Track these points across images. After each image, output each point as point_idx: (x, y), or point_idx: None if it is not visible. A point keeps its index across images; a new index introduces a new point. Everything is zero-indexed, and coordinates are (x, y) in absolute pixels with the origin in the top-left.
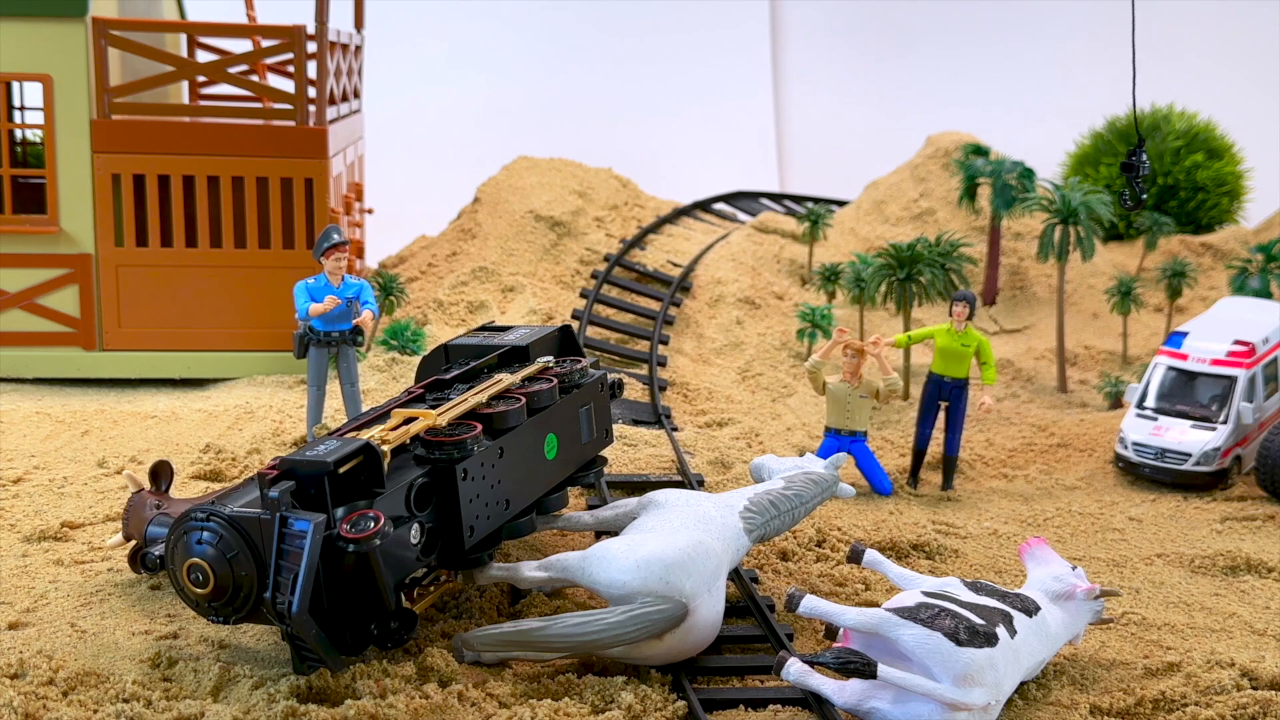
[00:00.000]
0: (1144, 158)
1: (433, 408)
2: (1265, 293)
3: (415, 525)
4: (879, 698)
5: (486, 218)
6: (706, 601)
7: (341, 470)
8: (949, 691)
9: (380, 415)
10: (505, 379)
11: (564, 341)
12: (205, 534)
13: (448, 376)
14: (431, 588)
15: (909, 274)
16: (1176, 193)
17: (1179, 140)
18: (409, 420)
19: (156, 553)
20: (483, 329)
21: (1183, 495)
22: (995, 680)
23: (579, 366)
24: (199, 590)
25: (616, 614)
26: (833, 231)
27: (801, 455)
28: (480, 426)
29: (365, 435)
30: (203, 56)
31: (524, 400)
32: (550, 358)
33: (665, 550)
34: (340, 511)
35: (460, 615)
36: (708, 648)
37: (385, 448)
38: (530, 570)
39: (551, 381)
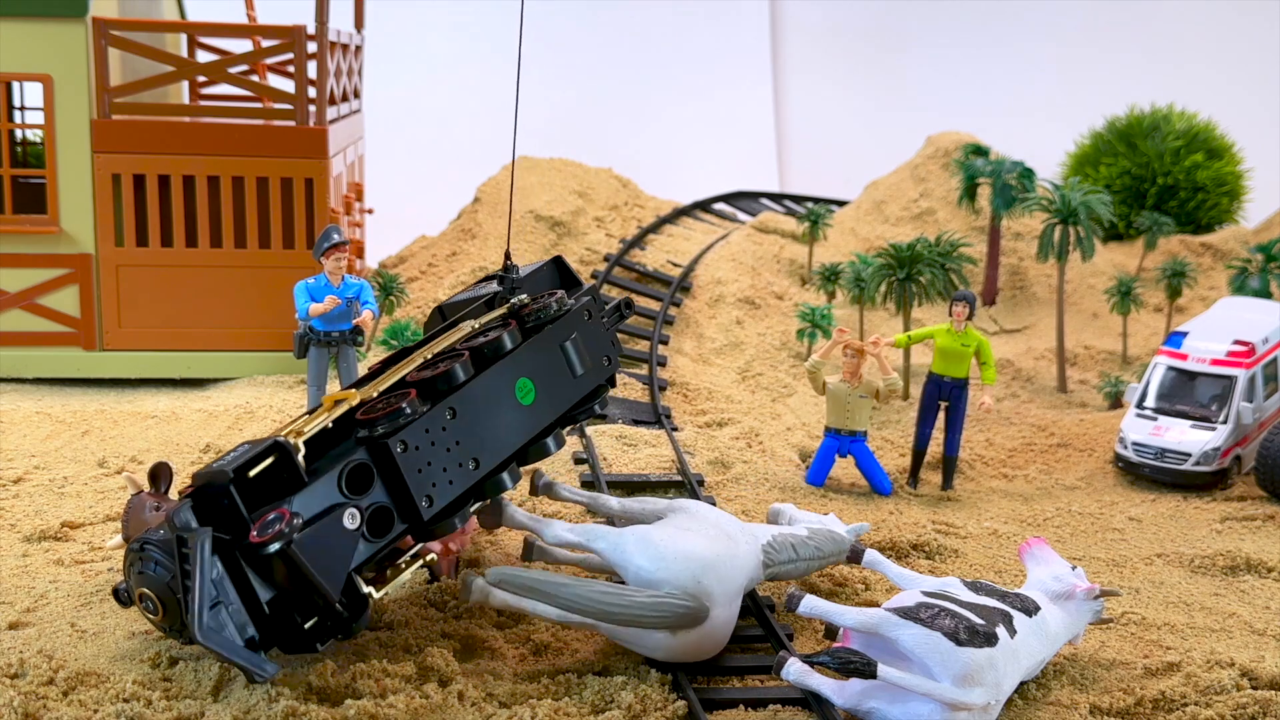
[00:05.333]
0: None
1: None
2: (1265, 293)
3: (351, 511)
4: (879, 698)
5: (486, 218)
6: (723, 613)
7: (252, 474)
8: (949, 691)
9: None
10: (459, 332)
11: (561, 274)
12: (145, 561)
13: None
14: (403, 563)
15: (909, 274)
16: (1176, 193)
17: (1179, 140)
18: (338, 403)
19: (123, 586)
20: (483, 280)
21: (1182, 495)
22: (995, 680)
23: (553, 298)
24: (153, 617)
25: (643, 595)
26: (833, 231)
27: (826, 515)
28: (414, 393)
29: (284, 430)
30: (203, 56)
31: (467, 354)
32: (525, 296)
33: (703, 551)
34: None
35: (461, 615)
36: None
37: (298, 440)
38: (561, 529)
39: (507, 325)
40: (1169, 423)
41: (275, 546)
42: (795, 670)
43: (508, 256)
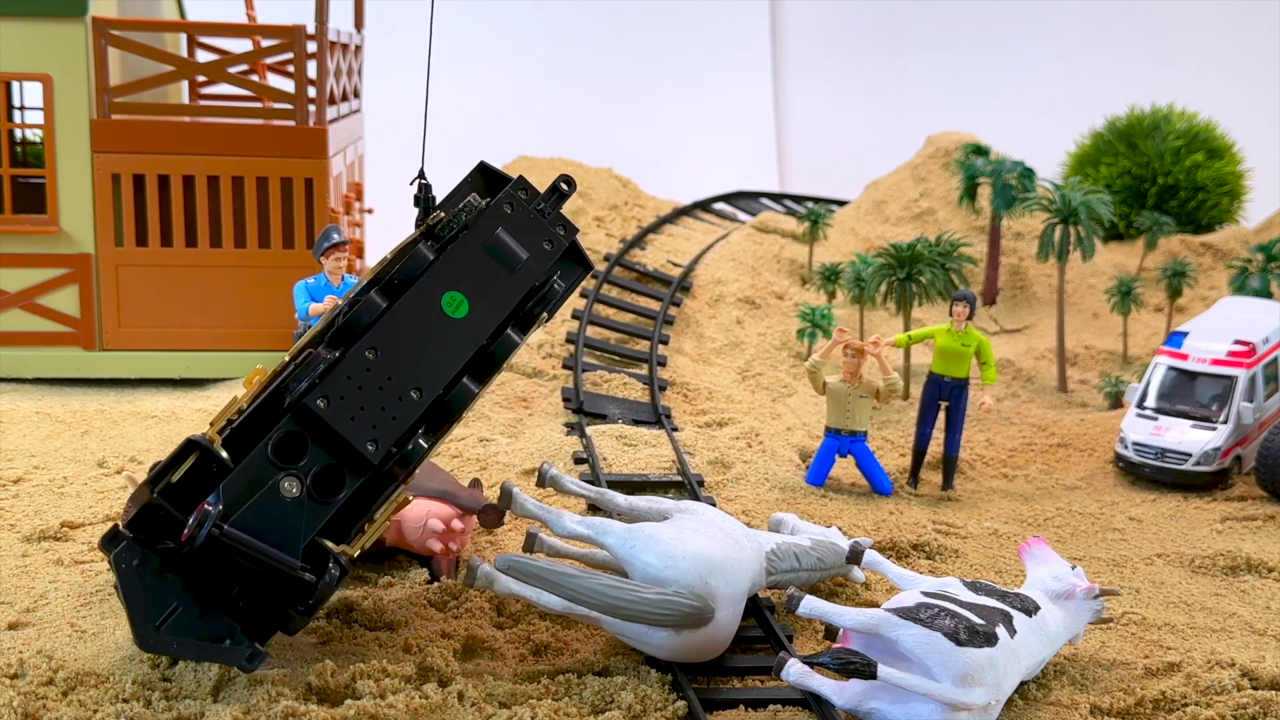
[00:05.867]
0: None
1: None
2: (1265, 292)
3: (287, 480)
4: (879, 698)
5: None
6: (727, 615)
7: (174, 479)
8: (949, 691)
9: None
10: (377, 268)
11: (489, 180)
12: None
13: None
14: (378, 514)
15: (909, 274)
16: (1177, 193)
17: (1179, 140)
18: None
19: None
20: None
21: (1183, 495)
22: (995, 680)
23: (459, 208)
24: None
25: (650, 592)
26: (833, 231)
27: (829, 526)
28: (319, 350)
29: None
30: (203, 56)
31: (373, 292)
32: (440, 213)
33: (711, 552)
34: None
35: (461, 615)
36: None
37: (210, 430)
38: (571, 521)
39: (417, 245)
40: (1169, 423)
41: (199, 542)
42: (795, 671)
43: (421, 175)
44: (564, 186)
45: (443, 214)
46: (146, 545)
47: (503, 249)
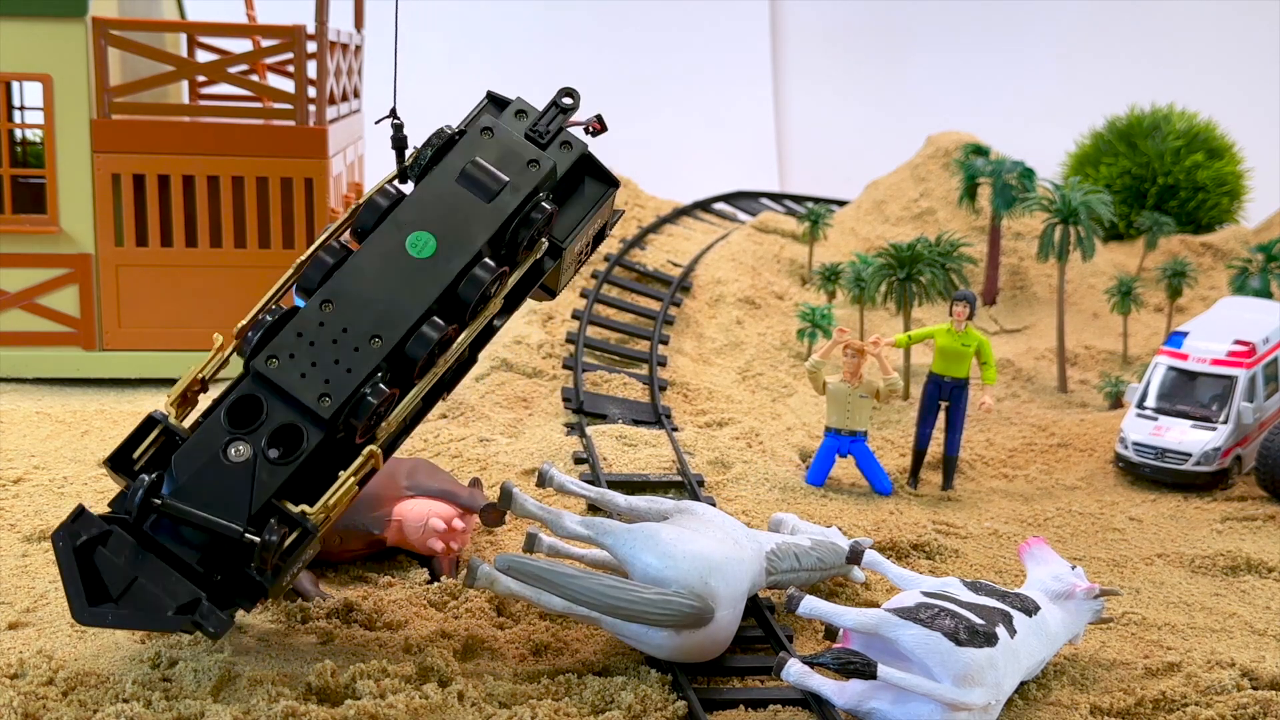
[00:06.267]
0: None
1: None
2: (1265, 292)
3: (236, 445)
4: (879, 698)
5: None
6: (728, 615)
7: (135, 454)
8: (949, 691)
9: None
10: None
11: (495, 104)
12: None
13: None
14: (342, 474)
15: (909, 274)
16: (1177, 193)
17: (1179, 140)
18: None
19: None
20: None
21: (1183, 495)
22: (995, 680)
23: (427, 141)
24: None
25: (650, 592)
26: (833, 231)
27: (829, 526)
28: (266, 310)
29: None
30: (203, 56)
31: (319, 250)
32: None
33: (712, 552)
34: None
35: (461, 615)
36: None
37: (168, 407)
38: (571, 521)
39: (382, 190)
40: (1169, 423)
41: (132, 513)
42: (795, 671)
43: (392, 113)
44: (565, 100)
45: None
46: (113, 521)
47: (477, 178)
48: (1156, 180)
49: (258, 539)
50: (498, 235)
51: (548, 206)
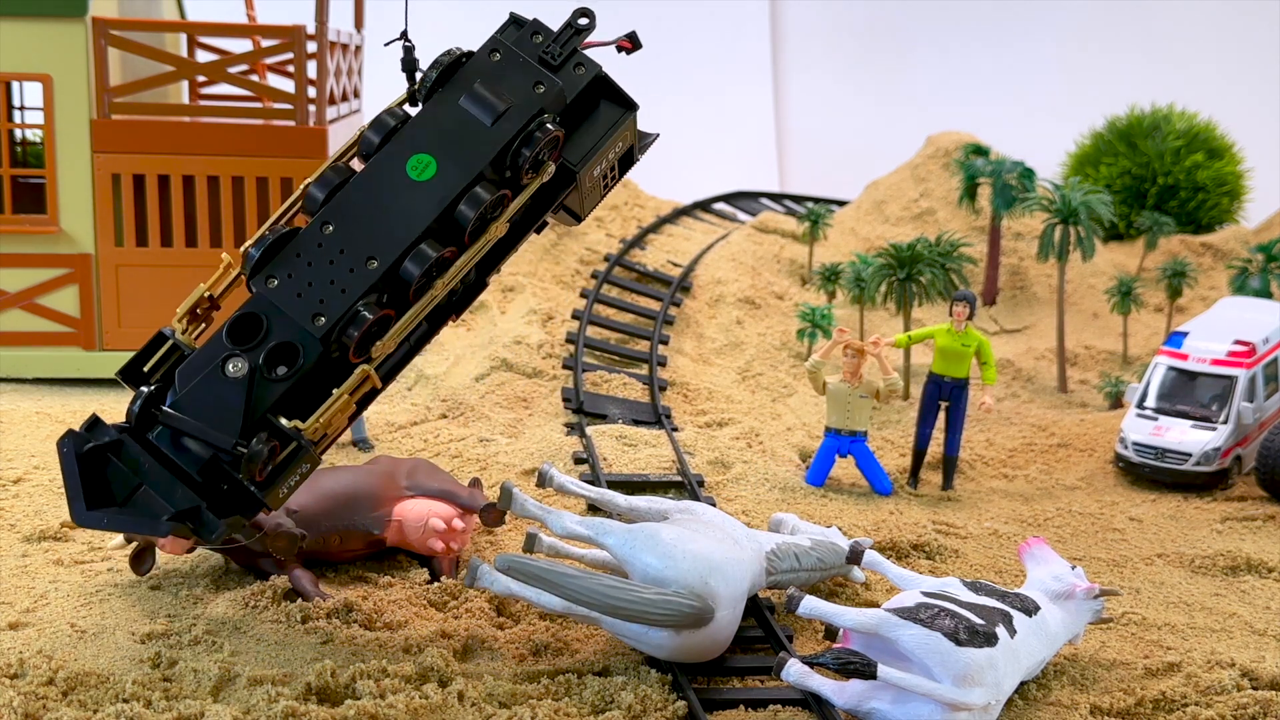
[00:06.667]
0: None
1: None
2: (1265, 293)
3: (233, 361)
4: (879, 698)
5: None
6: (728, 615)
7: (146, 368)
8: (949, 691)
9: None
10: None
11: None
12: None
13: None
14: (336, 391)
15: (909, 274)
16: (1177, 193)
17: (1179, 140)
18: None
19: None
20: None
21: (1183, 495)
22: (995, 680)
23: (433, 64)
24: None
25: (651, 592)
26: (833, 231)
27: (829, 526)
28: (266, 228)
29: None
30: (203, 56)
31: (327, 169)
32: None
33: (712, 553)
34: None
35: (461, 615)
36: None
37: (176, 324)
38: (571, 521)
39: (388, 113)
40: (1169, 423)
41: (132, 422)
42: (795, 671)
43: (403, 35)
44: (581, 21)
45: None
46: (124, 431)
47: (480, 100)
48: (1156, 180)
49: (246, 450)
50: (499, 158)
51: (551, 128)
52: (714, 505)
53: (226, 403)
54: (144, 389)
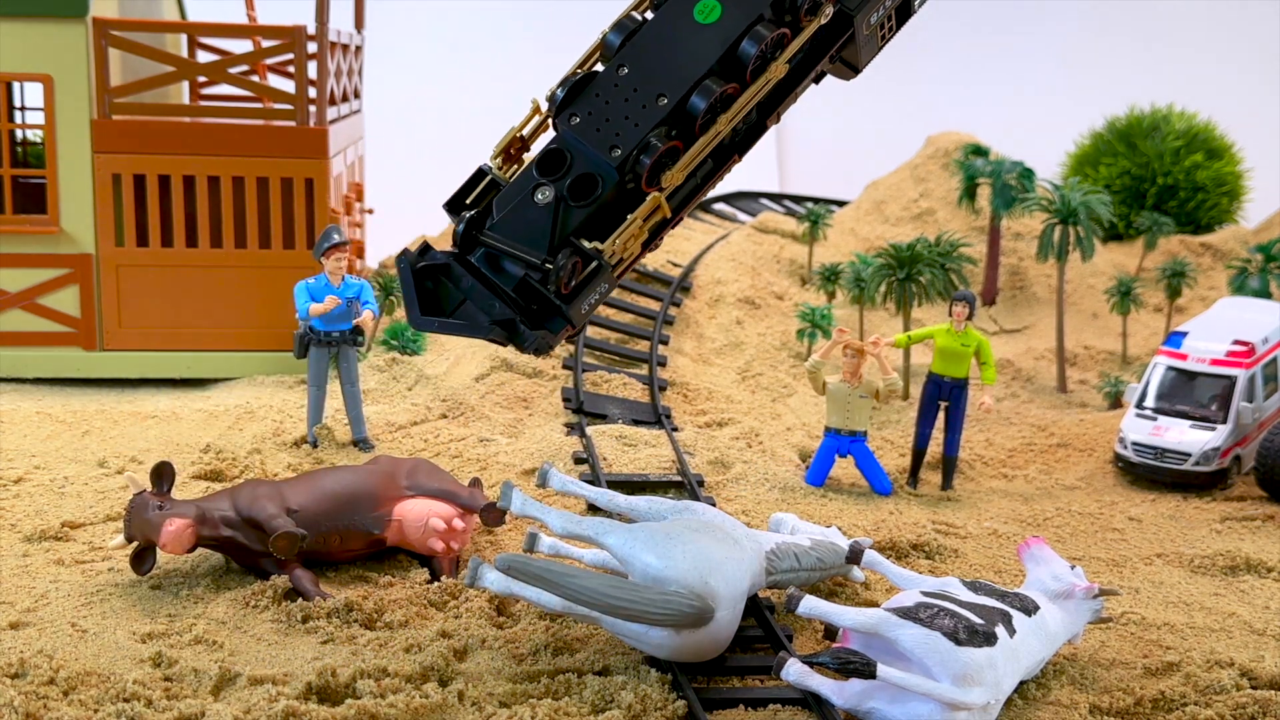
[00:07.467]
0: None
1: None
2: (1265, 293)
3: (541, 189)
4: (878, 698)
5: None
6: (727, 615)
7: (468, 200)
8: (948, 691)
9: None
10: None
11: None
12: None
13: None
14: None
15: (909, 274)
16: (1176, 193)
17: (1179, 140)
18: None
19: None
20: None
21: (1182, 495)
22: (995, 679)
23: None
24: None
25: (651, 592)
26: (833, 231)
27: (829, 526)
28: (577, 71)
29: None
30: (203, 57)
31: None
32: None
33: (712, 552)
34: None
35: (461, 615)
36: None
37: (492, 161)
38: (571, 521)
39: None
40: (1169, 423)
41: (458, 240)
42: (795, 670)
43: None
44: None
45: None
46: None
47: None
48: (1156, 180)
49: (553, 265)
50: (779, 1)
51: None
52: (714, 505)
53: (537, 225)
54: (467, 214)
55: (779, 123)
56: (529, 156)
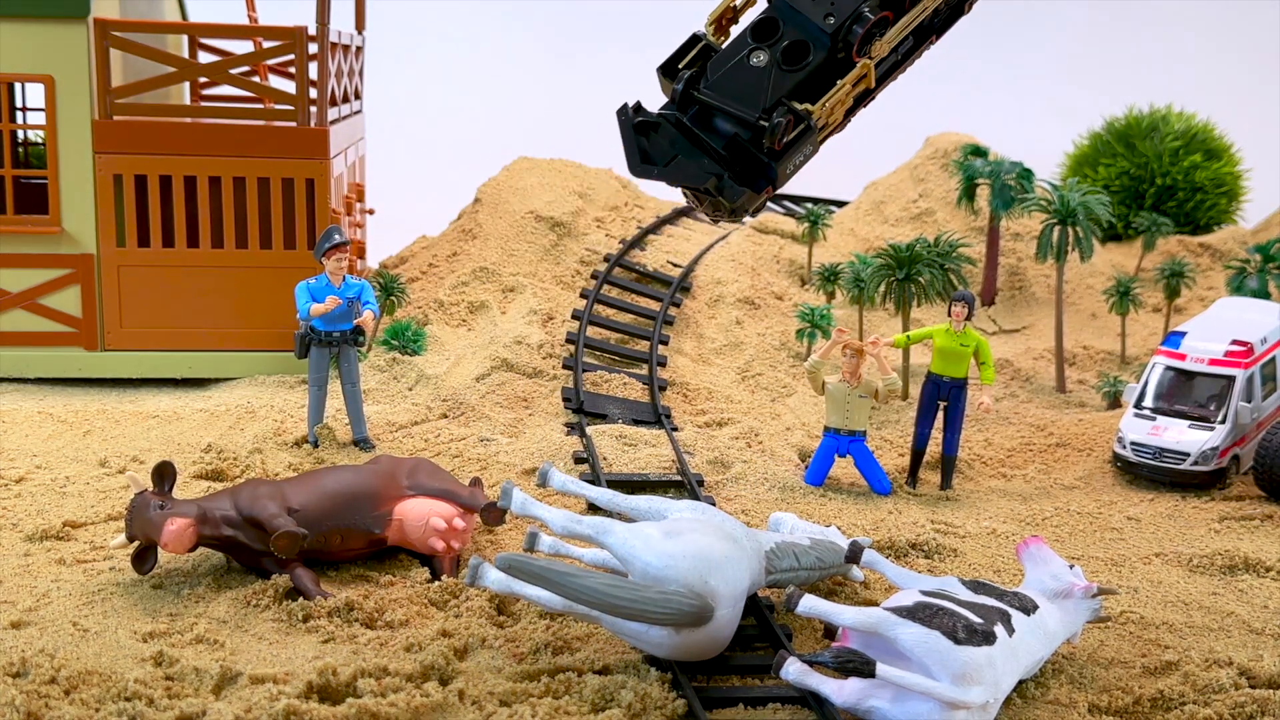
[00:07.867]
0: None
1: None
2: (1263, 293)
3: (756, 52)
4: (878, 696)
5: (487, 218)
6: (727, 614)
7: (680, 65)
8: (947, 690)
9: None
10: None
11: None
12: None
13: None
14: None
15: (908, 274)
16: (1175, 193)
17: (1177, 141)
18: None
19: None
20: None
21: (1181, 495)
22: (993, 679)
23: None
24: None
25: (651, 591)
26: (832, 232)
27: (828, 526)
28: None
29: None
30: (204, 57)
31: None
32: None
33: (712, 551)
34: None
35: (461, 614)
36: None
37: (706, 27)
38: (571, 520)
39: None
40: (1167, 422)
41: (676, 96)
42: (795, 669)
43: None
44: None
45: None
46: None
47: None
48: (1154, 181)
49: (768, 124)
50: None
51: None
52: (714, 505)
53: (752, 85)
54: (686, 73)
55: (970, 11)
56: (735, 30)
